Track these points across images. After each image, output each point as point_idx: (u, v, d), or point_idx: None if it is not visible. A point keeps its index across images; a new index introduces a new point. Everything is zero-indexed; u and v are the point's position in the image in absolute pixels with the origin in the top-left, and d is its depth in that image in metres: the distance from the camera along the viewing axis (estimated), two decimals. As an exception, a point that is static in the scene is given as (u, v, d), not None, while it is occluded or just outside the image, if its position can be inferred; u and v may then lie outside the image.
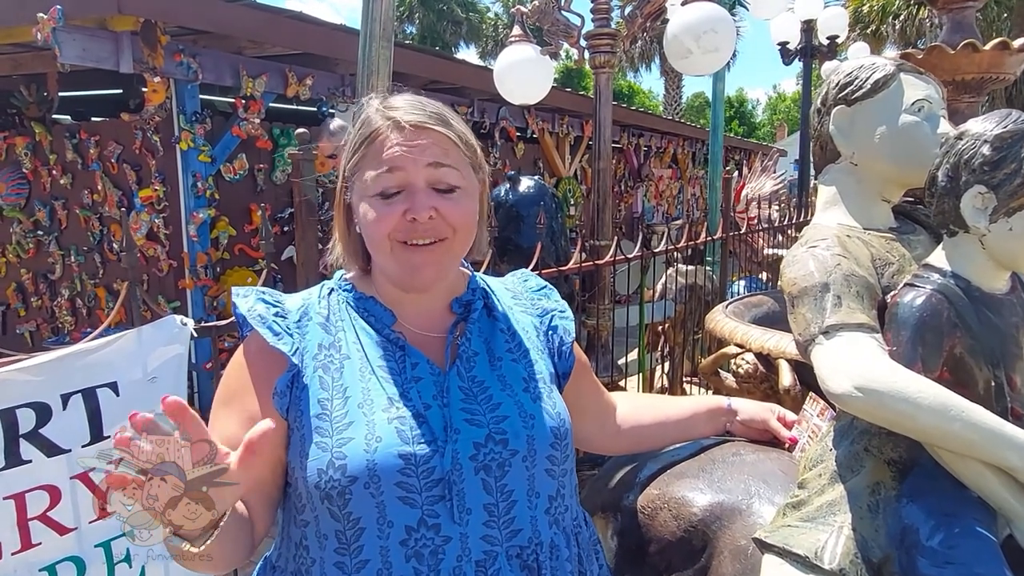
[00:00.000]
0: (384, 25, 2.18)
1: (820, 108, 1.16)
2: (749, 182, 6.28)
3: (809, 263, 1.02)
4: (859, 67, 1.10)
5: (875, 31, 15.53)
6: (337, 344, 0.93)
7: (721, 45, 3.07)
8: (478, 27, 33.31)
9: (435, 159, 0.90)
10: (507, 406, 0.92)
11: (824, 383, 0.93)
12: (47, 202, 4.92)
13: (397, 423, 0.87)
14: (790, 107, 46.64)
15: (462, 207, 0.92)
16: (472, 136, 0.98)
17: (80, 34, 3.48)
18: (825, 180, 1.17)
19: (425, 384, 0.91)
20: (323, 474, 0.85)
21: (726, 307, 2.61)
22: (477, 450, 0.88)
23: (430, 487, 0.86)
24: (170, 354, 1.43)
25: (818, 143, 1.17)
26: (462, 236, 0.94)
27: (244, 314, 0.93)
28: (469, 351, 0.96)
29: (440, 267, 0.93)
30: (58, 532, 1.29)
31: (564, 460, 0.96)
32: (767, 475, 1.15)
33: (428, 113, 0.92)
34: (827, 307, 0.96)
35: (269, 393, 0.90)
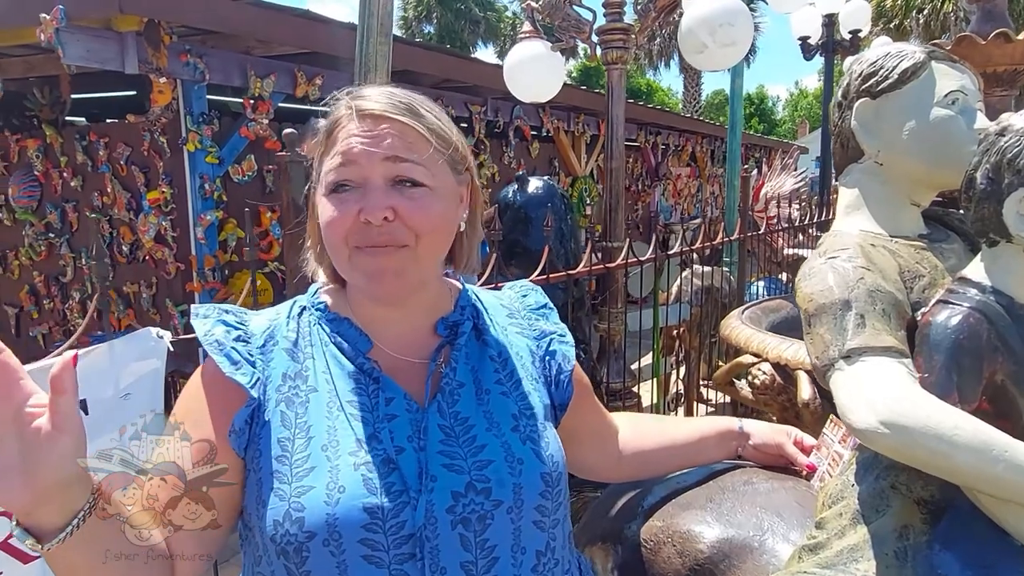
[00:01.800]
0: (383, 20, 2.09)
1: (841, 101, 1.04)
2: (769, 180, 6.13)
3: (828, 276, 0.90)
4: (885, 55, 0.99)
5: (898, 25, 15.25)
6: (304, 374, 0.82)
7: (738, 39, 2.95)
8: (496, 26, 33.27)
9: (395, 152, 0.78)
10: (492, 449, 0.81)
11: (845, 415, 0.82)
12: (58, 204, 4.90)
13: (364, 470, 0.75)
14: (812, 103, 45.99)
15: (426, 209, 0.79)
16: (452, 130, 0.85)
17: (84, 34, 3.43)
18: (847, 181, 1.05)
19: (400, 423, 0.80)
20: (279, 527, 0.74)
21: (742, 312, 2.50)
22: (456, 501, 0.77)
23: (399, 544, 0.75)
24: (145, 369, 1.35)
25: (839, 140, 1.05)
26: (428, 243, 0.80)
27: (200, 338, 0.82)
28: (453, 383, 0.85)
29: (402, 275, 0.80)
30: (21, 560, 1.21)
31: (555, 510, 0.84)
32: (781, 508, 1.05)
33: (394, 102, 0.80)
34: (848, 327, 0.85)
35: (226, 429, 0.79)
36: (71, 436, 0.65)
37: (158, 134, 4.16)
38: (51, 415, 0.64)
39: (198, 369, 0.85)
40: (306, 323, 0.87)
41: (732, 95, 5.52)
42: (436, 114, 0.84)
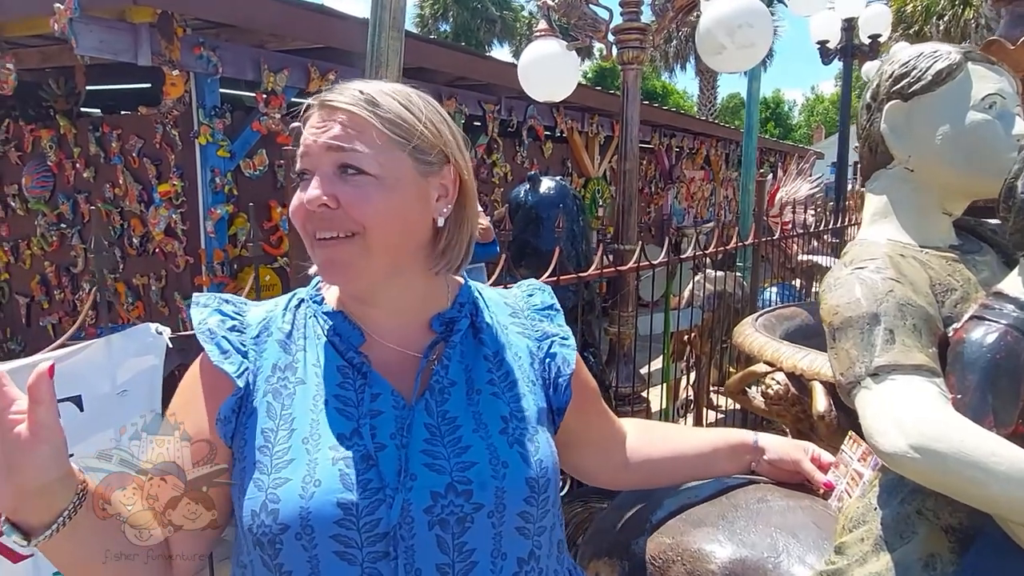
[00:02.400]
0: (395, 15, 2.06)
1: (871, 103, 0.99)
2: (784, 185, 6.06)
3: (855, 288, 0.85)
4: (918, 55, 0.93)
5: (918, 31, 15.09)
6: (294, 366, 0.82)
7: (757, 40, 2.90)
8: (512, 25, 33.26)
9: (337, 141, 0.77)
10: (477, 450, 0.79)
11: (872, 437, 0.77)
12: (70, 195, 4.91)
13: (342, 465, 0.74)
14: (828, 108, 45.66)
15: (368, 198, 0.77)
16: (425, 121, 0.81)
17: (98, 25, 3.42)
18: (874, 188, 1.00)
19: (384, 419, 0.78)
20: (256, 517, 0.75)
21: (756, 319, 2.44)
22: (434, 501, 0.75)
23: (373, 542, 0.73)
24: (143, 366, 1.32)
25: (867, 144, 1.00)
26: (377, 233, 0.77)
27: (195, 327, 0.83)
28: (444, 381, 0.83)
29: (353, 266, 0.78)
30: (11, 559, 1.18)
31: (541, 517, 0.81)
32: (797, 528, 1.00)
33: (351, 94, 0.79)
34: (876, 343, 0.80)
35: (215, 416, 0.80)
36: (49, 444, 0.67)
37: (170, 127, 4.15)
38: (29, 424, 0.66)
39: (195, 362, 0.86)
40: (302, 315, 0.87)
41: (749, 98, 5.45)
42: (407, 104, 0.81)
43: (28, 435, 0.66)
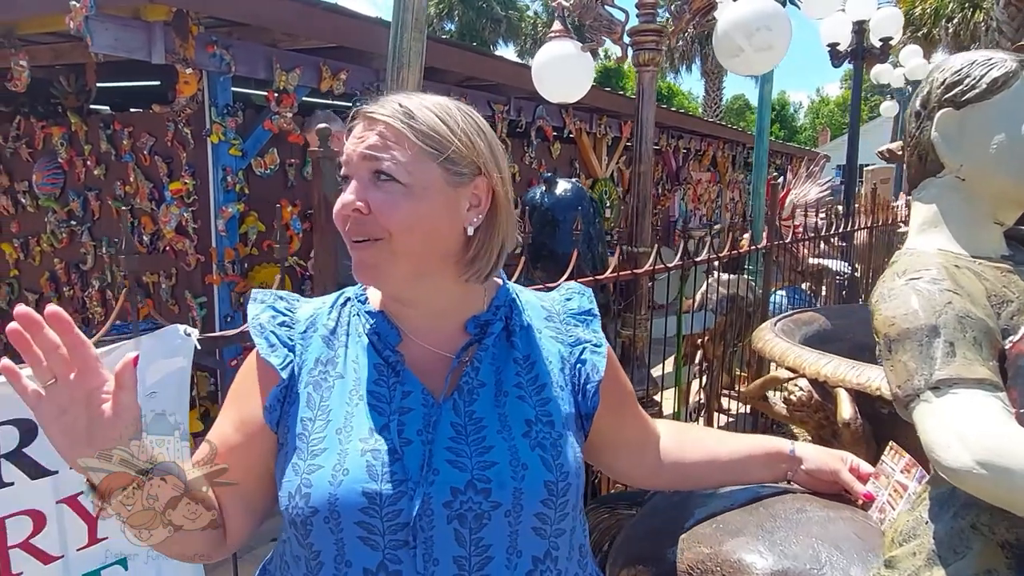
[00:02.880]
0: (417, 15, 2.05)
1: (920, 111, 0.97)
2: (794, 188, 6.04)
3: (911, 299, 0.84)
4: (971, 63, 0.92)
5: (926, 34, 15.05)
6: (335, 360, 0.88)
7: (775, 43, 2.88)
8: (517, 25, 33.25)
9: (372, 151, 0.82)
10: (499, 451, 0.82)
11: (933, 452, 0.76)
12: (81, 192, 4.90)
13: (370, 456, 0.79)
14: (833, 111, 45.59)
15: (395, 205, 0.81)
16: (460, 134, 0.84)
17: (113, 23, 3.42)
18: (923, 196, 0.98)
19: (413, 416, 0.83)
20: (291, 498, 0.81)
21: (775, 324, 2.43)
22: (454, 497, 0.79)
23: (395, 531, 0.78)
24: (172, 367, 1.31)
25: (916, 152, 0.98)
26: (403, 240, 0.81)
27: (248, 321, 0.91)
28: (474, 382, 0.86)
29: (379, 269, 0.83)
30: (42, 561, 1.18)
31: (559, 519, 0.84)
32: (839, 540, 0.99)
33: (391, 106, 0.83)
34: (936, 356, 0.79)
35: (264, 404, 0.88)
36: (125, 422, 0.75)
37: (182, 125, 4.14)
38: (113, 404, 0.74)
39: (254, 350, 0.91)
40: (347, 313, 0.92)
41: (760, 101, 5.43)
42: (444, 117, 0.84)
43: (111, 413, 0.74)
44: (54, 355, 0.72)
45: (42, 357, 0.72)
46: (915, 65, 10.47)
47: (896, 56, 10.30)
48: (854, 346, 2.46)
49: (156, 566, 1.32)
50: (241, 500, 0.89)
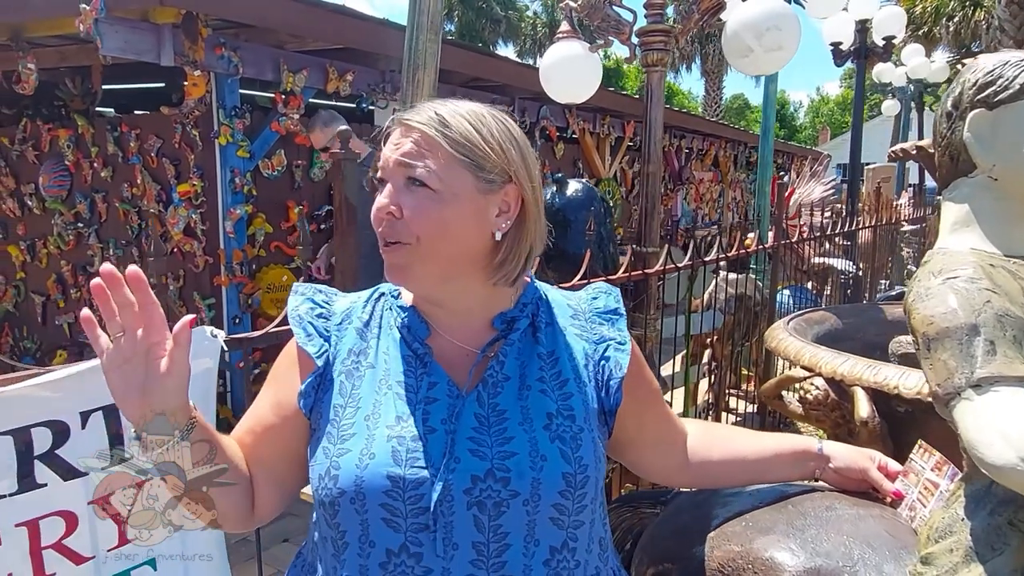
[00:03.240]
0: (432, 17, 2.06)
1: (952, 112, 0.98)
2: (798, 187, 6.05)
3: (949, 298, 0.85)
4: (1003, 63, 0.93)
5: (927, 33, 15.04)
6: (367, 351, 0.92)
7: (785, 43, 2.90)
8: (517, 25, 33.26)
9: (406, 158, 0.85)
10: (519, 442, 0.85)
11: (976, 449, 0.77)
12: (88, 194, 4.91)
13: (395, 443, 0.84)
14: (833, 110, 45.61)
15: (425, 210, 0.84)
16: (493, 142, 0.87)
17: (122, 26, 3.43)
18: (955, 196, 0.99)
19: (438, 406, 0.87)
20: (321, 480, 0.85)
21: (788, 323, 2.44)
22: (473, 484, 0.82)
23: (416, 514, 0.82)
24: (199, 368, 1.32)
25: (947, 153, 0.99)
26: (431, 245, 0.85)
27: (288, 312, 0.96)
28: (499, 375, 0.89)
29: (406, 271, 0.87)
30: (74, 562, 1.19)
31: (578, 511, 0.86)
32: (871, 537, 0.99)
33: (427, 114, 0.86)
34: (977, 354, 0.79)
35: (299, 390, 0.92)
36: (176, 378, 0.81)
37: (190, 127, 4.15)
38: (168, 359, 0.80)
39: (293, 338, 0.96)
40: (380, 308, 0.96)
41: (765, 100, 5.44)
42: (477, 126, 0.87)
43: (166, 368, 0.80)
44: (127, 310, 0.79)
45: (115, 311, 0.79)
46: (917, 64, 10.48)
47: (897, 55, 10.30)
48: (865, 345, 2.48)
49: (184, 566, 1.33)
50: (271, 477, 0.95)
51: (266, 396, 0.96)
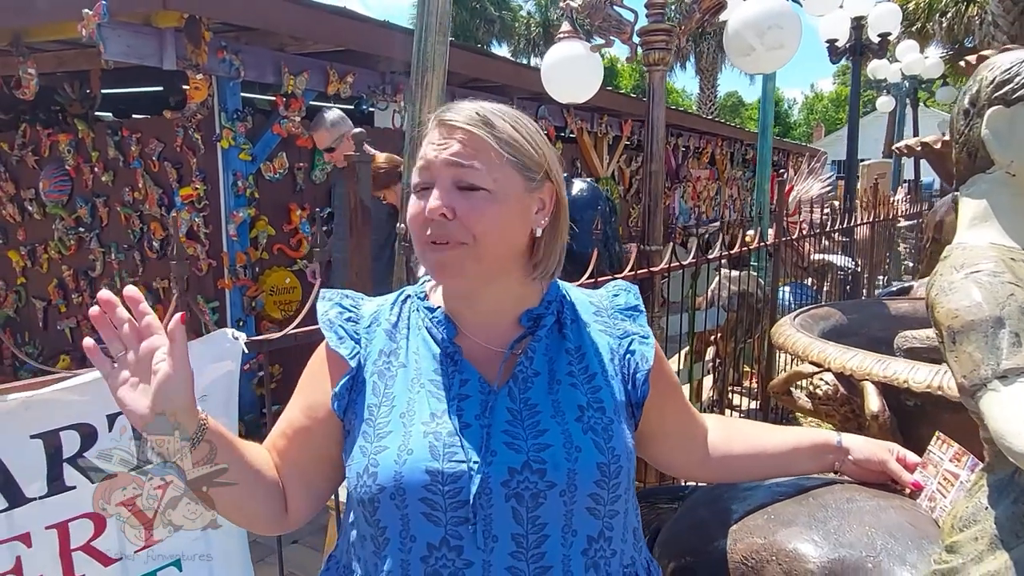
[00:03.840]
0: (441, 18, 2.07)
1: (969, 109, 1.00)
2: (797, 184, 6.08)
3: (973, 291, 0.87)
4: (1020, 61, 0.95)
5: (920, 28, 15.09)
6: (397, 352, 0.94)
7: (786, 41, 2.92)
8: (511, 25, 33.27)
9: (457, 158, 0.86)
10: (553, 434, 0.87)
11: (1003, 439, 0.79)
12: (89, 199, 4.91)
13: (432, 438, 0.85)
14: (827, 107, 45.72)
15: (482, 211, 0.85)
16: (532, 142, 0.90)
17: (125, 30, 3.43)
18: (972, 192, 1.01)
19: (471, 402, 0.88)
20: (360, 478, 0.87)
21: (794, 319, 2.46)
22: (511, 476, 0.84)
23: (456, 508, 0.83)
24: (221, 371, 1.33)
25: (965, 149, 1.01)
26: (486, 243, 0.86)
27: (319, 317, 0.98)
28: (528, 371, 0.91)
29: (460, 270, 0.88)
30: (102, 563, 1.19)
31: (612, 501, 0.88)
32: (893, 527, 1.01)
33: (470, 114, 0.88)
34: (1003, 346, 0.81)
35: (332, 392, 0.94)
36: (180, 378, 0.83)
37: (192, 130, 4.16)
38: (169, 359, 0.82)
39: (323, 342, 0.98)
40: (408, 309, 0.98)
41: (763, 98, 5.46)
42: (516, 126, 0.89)
43: (168, 370, 0.82)
44: (126, 327, 0.83)
45: (115, 332, 0.83)
46: (911, 60, 10.53)
47: (892, 51, 10.34)
48: (870, 340, 2.50)
49: (208, 567, 1.34)
50: (302, 480, 0.97)
51: (297, 401, 0.98)
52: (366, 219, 1.56)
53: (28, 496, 1.11)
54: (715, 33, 23.40)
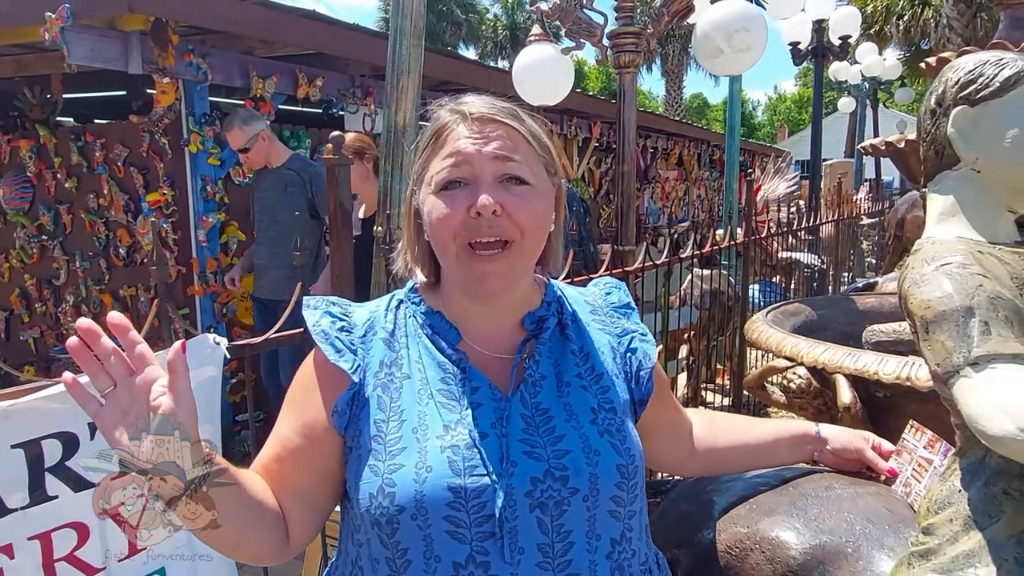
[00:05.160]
0: (415, 22, 2.08)
1: (935, 108, 1.05)
2: (764, 184, 6.19)
3: (944, 283, 0.90)
4: (983, 63, 0.99)
5: (879, 31, 15.49)
6: (399, 362, 0.89)
7: (753, 43, 2.98)
8: (477, 28, 33.30)
9: (503, 152, 0.84)
10: (570, 439, 0.85)
11: (976, 422, 0.82)
12: (51, 206, 4.80)
13: (450, 452, 0.82)
14: (790, 108, 46.59)
15: (531, 205, 0.85)
16: (547, 137, 0.91)
17: (89, 34, 3.37)
18: (940, 188, 1.06)
19: (485, 410, 0.85)
20: (373, 499, 0.82)
21: (766, 315, 2.51)
22: (534, 486, 0.81)
23: (480, 523, 0.80)
24: (203, 376, 1.32)
25: (932, 147, 1.06)
26: (531, 239, 0.86)
27: (309, 328, 0.91)
28: (536, 375, 0.89)
29: (507, 277, 0.86)
30: (86, 573, 1.18)
31: (631, 501, 0.88)
32: (870, 513, 1.05)
33: (499, 107, 0.87)
34: (973, 334, 0.85)
35: (331, 408, 0.88)
36: (185, 411, 0.77)
37: (159, 135, 4.09)
38: (171, 392, 0.76)
39: (310, 355, 0.93)
40: (403, 315, 0.93)
41: (730, 99, 5.56)
42: (533, 121, 0.90)
43: (171, 404, 0.75)
44: (112, 358, 0.75)
45: (100, 366, 0.75)
46: (871, 62, 10.79)
47: (852, 53, 10.59)
48: (838, 335, 2.56)
49: (192, 568, 1.33)
50: (303, 502, 0.90)
51: (288, 420, 0.91)
52: (346, 222, 1.56)
53: (10, 507, 1.09)
54: (681, 35, 23.72)
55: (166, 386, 0.76)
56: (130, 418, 0.76)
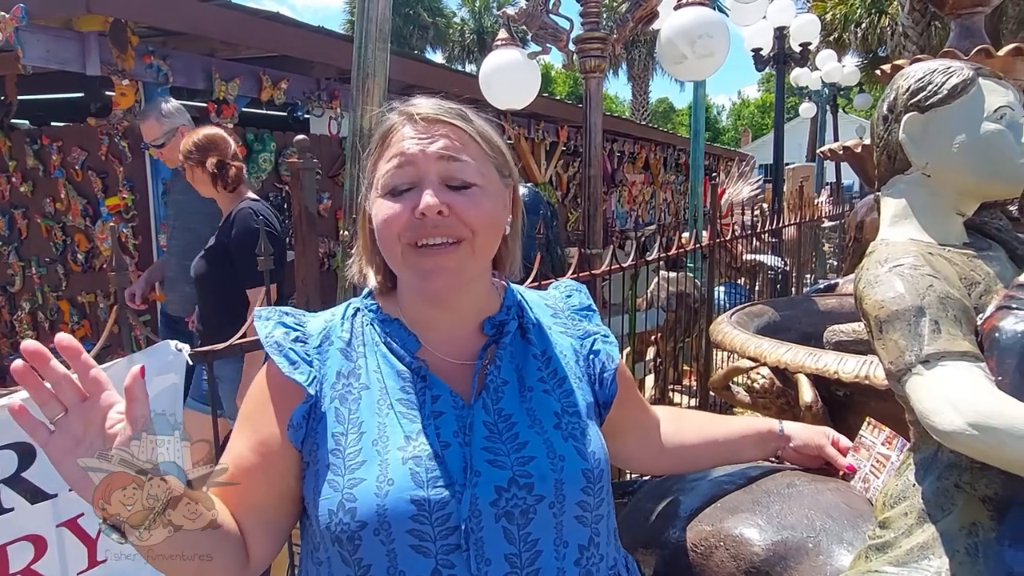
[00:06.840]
0: (380, 25, 2.07)
1: (888, 115, 1.08)
2: (728, 187, 6.30)
3: (896, 283, 0.93)
4: (932, 71, 1.03)
5: (838, 39, 15.85)
6: (357, 372, 0.86)
7: (716, 49, 3.03)
8: (445, 32, 33.26)
9: (448, 151, 0.83)
10: (534, 445, 0.83)
11: (927, 418, 0.85)
12: (6, 211, 4.67)
13: (412, 464, 0.79)
14: (753, 113, 47.46)
15: (479, 205, 0.83)
16: (499, 138, 0.90)
17: (44, 34, 3.29)
18: (892, 192, 1.09)
19: (447, 419, 0.83)
20: (333, 515, 0.79)
21: (731, 317, 2.55)
22: (499, 495, 0.79)
23: (445, 535, 0.78)
24: (164, 384, 1.30)
25: (885, 152, 1.09)
26: (483, 238, 0.84)
27: (262, 340, 0.87)
28: (498, 380, 0.87)
29: (457, 273, 0.84)
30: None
31: (598, 506, 0.86)
32: (830, 508, 1.07)
33: (445, 108, 0.86)
34: (924, 333, 0.88)
35: (286, 422, 0.85)
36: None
37: (119, 138, 4.01)
38: (129, 419, 0.71)
39: (263, 368, 0.89)
40: (359, 324, 0.91)
41: (695, 104, 5.64)
42: (484, 122, 0.89)
43: (129, 430, 0.71)
44: (64, 384, 0.70)
45: (50, 392, 0.70)
46: (831, 68, 11.05)
47: (812, 60, 10.84)
48: (801, 335, 2.62)
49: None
50: (262, 522, 0.86)
51: (243, 436, 0.87)
52: (311, 226, 1.54)
53: (-38, 521, 1.06)
54: (646, 41, 23.98)
55: (123, 413, 0.71)
56: (83, 447, 0.70)
